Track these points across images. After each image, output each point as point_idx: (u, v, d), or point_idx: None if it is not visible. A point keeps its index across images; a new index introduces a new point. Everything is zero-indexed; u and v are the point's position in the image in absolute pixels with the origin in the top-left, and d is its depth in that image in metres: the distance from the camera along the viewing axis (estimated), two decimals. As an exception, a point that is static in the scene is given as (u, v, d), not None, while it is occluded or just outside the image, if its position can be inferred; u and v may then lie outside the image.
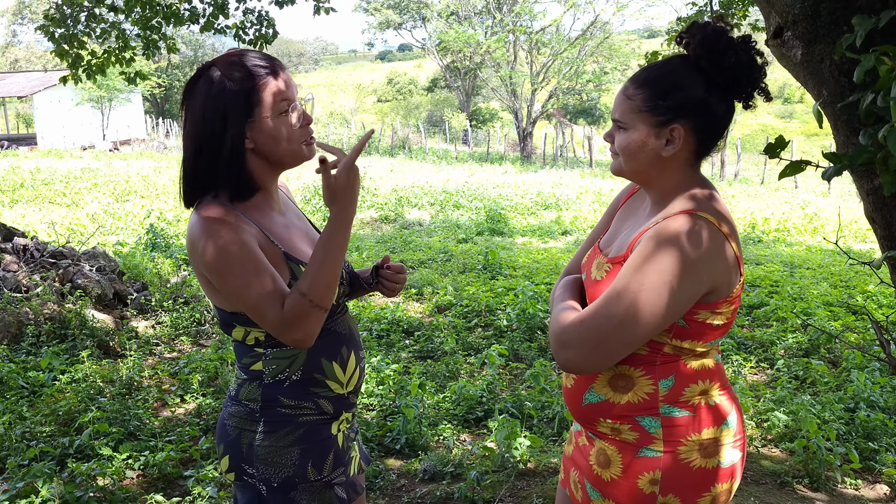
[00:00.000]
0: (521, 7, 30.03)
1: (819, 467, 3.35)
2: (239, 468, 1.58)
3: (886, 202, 1.87)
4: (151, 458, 3.37)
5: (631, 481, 1.47)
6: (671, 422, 1.46)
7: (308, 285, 1.48)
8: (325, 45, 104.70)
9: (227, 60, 1.53)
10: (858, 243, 10.92)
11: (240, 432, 1.58)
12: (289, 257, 1.56)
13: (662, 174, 1.48)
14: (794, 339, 5.23)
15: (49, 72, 32.80)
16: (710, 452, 1.46)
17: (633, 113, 1.46)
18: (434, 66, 43.20)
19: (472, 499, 3.13)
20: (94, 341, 5.06)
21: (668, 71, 1.45)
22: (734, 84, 1.43)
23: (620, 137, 1.49)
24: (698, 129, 1.44)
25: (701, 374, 1.48)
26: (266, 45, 7.17)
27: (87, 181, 17.30)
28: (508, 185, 18.22)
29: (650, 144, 1.45)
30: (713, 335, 1.45)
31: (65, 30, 6.44)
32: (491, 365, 4.57)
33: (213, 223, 1.47)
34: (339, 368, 1.61)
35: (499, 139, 35.16)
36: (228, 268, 1.46)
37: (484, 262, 8.14)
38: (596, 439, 1.54)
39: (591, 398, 1.52)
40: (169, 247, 9.08)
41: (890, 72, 1.40)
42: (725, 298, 1.42)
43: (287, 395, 1.57)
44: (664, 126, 1.44)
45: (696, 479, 1.46)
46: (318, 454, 1.58)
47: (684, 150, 1.46)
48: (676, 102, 1.42)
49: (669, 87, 1.43)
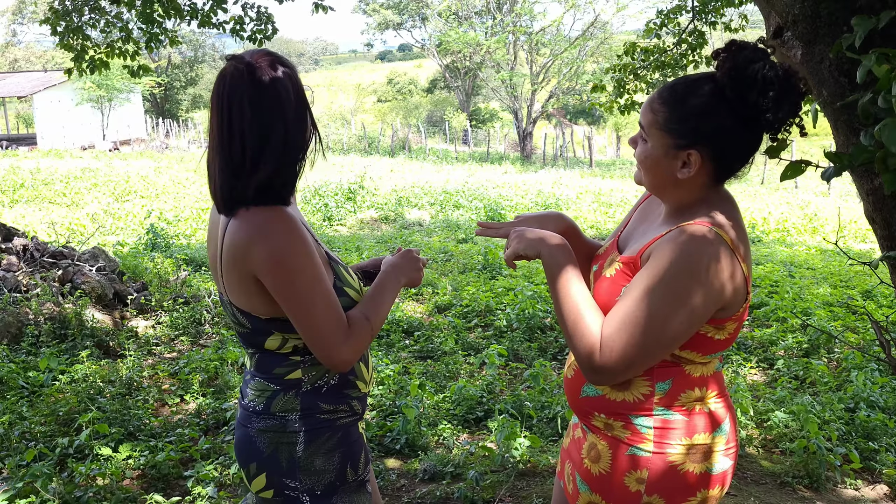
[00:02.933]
0: (521, 7, 30.04)
1: (819, 467, 3.35)
2: (280, 484, 1.54)
3: (886, 202, 1.87)
4: (151, 458, 3.36)
5: (618, 478, 1.48)
6: (664, 423, 1.46)
7: (374, 313, 1.53)
8: (324, 45, 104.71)
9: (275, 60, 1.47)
10: (858, 243, 10.92)
11: (277, 447, 1.53)
12: (331, 257, 1.57)
13: (678, 191, 1.46)
14: (794, 339, 5.23)
15: (49, 72, 32.82)
16: (700, 458, 1.46)
17: (654, 128, 1.44)
18: (434, 66, 43.21)
19: (471, 499, 3.12)
20: (94, 341, 5.06)
21: (694, 93, 1.40)
22: (762, 111, 1.37)
23: (641, 148, 1.48)
24: (717, 157, 1.41)
25: (699, 382, 1.48)
26: (265, 42, 7.16)
27: (87, 181, 17.30)
28: (508, 185, 18.23)
29: (665, 163, 1.44)
30: (714, 348, 1.45)
31: (68, 23, 6.45)
32: (491, 365, 4.57)
33: (277, 223, 1.42)
34: (364, 367, 1.64)
35: (499, 139, 35.17)
36: (298, 270, 1.42)
37: (484, 262, 8.14)
38: (589, 433, 1.56)
39: (588, 391, 1.53)
40: (169, 247, 9.09)
41: (889, 72, 1.40)
42: (731, 317, 1.42)
43: (325, 401, 1.56)
44: (681, 149, 1.41)
45: (684, 483, 1.46)
46: (354, 455, 1.59)
47: (701, 175, 1.43)
48: (696, 128, 1.39)
49: (692, 112, 1.40)
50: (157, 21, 6.64)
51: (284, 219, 1.44)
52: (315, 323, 1.44)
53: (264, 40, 7.13)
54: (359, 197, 14.53)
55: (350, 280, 1.58)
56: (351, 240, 10.64)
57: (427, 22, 36.27)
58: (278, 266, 1.41)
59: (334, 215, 13.09)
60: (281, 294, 1.43)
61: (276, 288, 1.43)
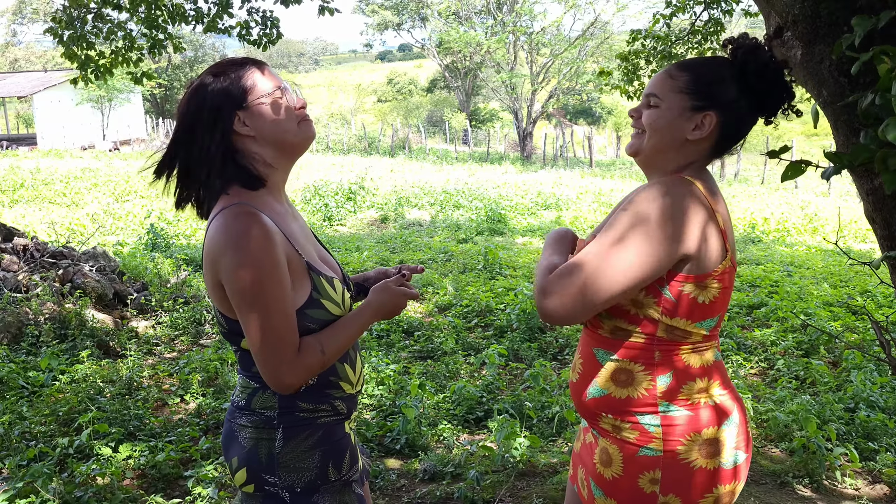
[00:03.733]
0: (521, 7, 30.04)
1: (819, 467, 3.35)
2: (259, 479, 1.55)
3: (886, 202, 1.87)
4: (151, 458, 3.36)
5: (632, 481, 1.48)
6: (670, 420, 1.47)
7: (330, 346, 1.51)
8: (324, 46, 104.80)
9: (207, 69, 1.59)
10: (858, 243, 10.92)
11: (256, 442, 1.55)
12: (311, 267, 1.54)
13: (677, 156, 1.55)
14: (794, 339, 5.23)
15: (49, 72, 32.82)
16: (711, 452, 1.47)
17: (672, 92, 1.53)
18: (434, 66, 43.21)
19: (471, 499, 3.12)
20: (94, 341, 5.06)
21: (714, 65, 1.55)
22: (767, 95, 1.52)
23: (650, 112, 1.55)
24: (724, 125, 1.52)
25: (700, 372, 1.49)
26: (270, 46, 7.18)
27: (87, 181, 17.30)
28: (508, 185, 18.22)
29: (679, 124, 1.52)
30: (702, 314, 1.47)
31: (72, 32, 6.45)
32: (491, 365, 4.57)
33: (251, 236, 1.43)
34: (350, 369, 1.63)
35: (499, 139, 35.18)
36: (255, 288, 1.42)
37: (484, 262, 8.15)
38: (599, 437, 1.56)
39: (593, 392, 1.55)
40: (169, 247, 9.09)
41: (890, 71, 1.40)
42: (710, 273, 1.45)
43: (304, 400, 1.56)
44: (698, 111, 1.51)
45: (698, 480, 1.46)
46: (337, 454, 1.59)
47: (707, 140, 1.53)
48: (715, 93, 1.51)
49: (713, 79, 1.52)
50: (161, 27, 6.64)
51: (261, 232, 1.44)
52: (261, 343, 1.45)
53: (269, 44, 7.14)
54: (359, 197, 14.53)
55: (330, 292, 1.55)
56: (351, 240, 10.64)
57: (427, 22, 36.26)
58: (238, 281, 1.43)
59: (334, 215, 13.09)
60: (236, 306, 1.46)
61: (232, 299, 1.46)
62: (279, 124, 1.54)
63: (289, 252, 1.50)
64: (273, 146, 1.56)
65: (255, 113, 1.53)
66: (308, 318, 1.51)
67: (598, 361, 1.54)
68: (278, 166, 1.58)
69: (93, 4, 6.49)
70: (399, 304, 1.64)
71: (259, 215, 1.46)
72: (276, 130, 1.54)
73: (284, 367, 1.45)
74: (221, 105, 1.52)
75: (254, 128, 1.53)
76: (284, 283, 1.46)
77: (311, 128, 1.61)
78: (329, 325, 1.54)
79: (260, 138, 1.54)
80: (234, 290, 1.44)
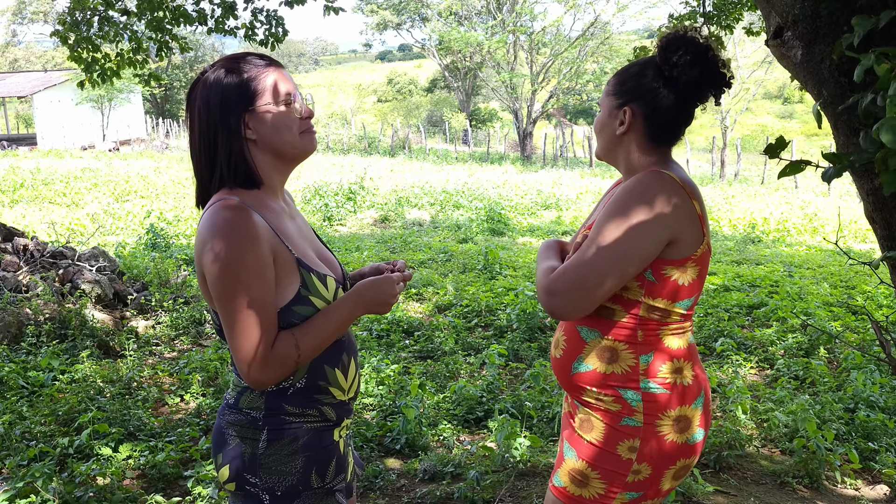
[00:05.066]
0: (521, 7, 30.04)
1: (819, 467, 3.35)
2: (241, 477, 1.54)
3: (886, 202, 1.88)
4: (151, 458, 3.36)
5: (611, 447, 1.61)
6: (651, 396, 1.60)
7: (306, 342, 1.48)
8: (324, 46, 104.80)
9: (226, 58, 1.56)
10: (858, 243, 10.92)
11: (241, 441, 1.54)
12: (301, 264, 1.53)
13: (623, 152, 1.68)
14: (794, 339, 5.23)
15: (49, 72, 32.81)
16: (681, 428, 1.61)
17: (605, 96, 1.71)
18: (434, 66, 43.20)
19: (472, 499, 3.12)
20: (94, 341, 5.06)
21: (638, 64, 1.68)
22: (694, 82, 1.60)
23: (596, 118, 1.75)
24: (646, 115, 1.64)
25: (676, 354, 1.63)
26: (276, 45, 7.19)
27: (87, 181, 17.30)
28: (508, 185, 18.23)
29: (608, 124, 1.69)
30: (682, 295, 1.60)
31: (78, 34, 6.46)
32: (491, 365, 4.57)
33: (238, 231, 1.43)
34: (342, 375, 1.60)
35: (499, 139, 35.17)
36: (234, 283, 1.42)
37: (484, 262, 8.15)
38: (581, 407, 1.68)
39: (579, 367, 1.66)
40: (169, 247, 9.08)
41: (889, 72, 1.40)
42: (689, 257, 1.58)
43: (291, 403, 1.54)
44: (619, 108, 1.66)
45: (668, 451, 1.61)
46: (321, 461, 1.56)
47: (635, 132, 1.66)
48: (633, 88, 1.65)
49: (629, 76, 1.66)
50: (167, 29, 6.65)
51: (244, 225, 1.44)
52: (235, 336, 1.44)
53: (276, 43, 7.15)
54: (359, 197, 14.53)
55: (321, 289, 1.53)
56: (351, 239, 10.64)
57: (427, 22, 36.25)
58: (216, 271, 1.43)
59: (334, 215, 13.08)
60: (215, 297, 1.46)
61: (213, 290, 1.46)
62: (281, 134, 1.53)
63: (277, 248, 1.48)
64: (272, 153, 1.56)
65: (260, 117, 1.52)
66: (294, 314, 1.50)
67: (582, 339, 1.65)
68: (276, 171, 1.58)
69: (100, 6, 6.50)
70: (388, 290, 1.58)
71: (246, 209, 1.46)
72: (277, 139, 1.54)
73: (257, 361, 1.44)
74: (236, 103, 1.51)
75: (256, 131, 1.53)
76: (265, 277, 1.45)
77: (313, 141, 1.59)
78: (306, 323, 1.52)
79: (261, 143, 1.54)
80: (213, 281, 1.44)
